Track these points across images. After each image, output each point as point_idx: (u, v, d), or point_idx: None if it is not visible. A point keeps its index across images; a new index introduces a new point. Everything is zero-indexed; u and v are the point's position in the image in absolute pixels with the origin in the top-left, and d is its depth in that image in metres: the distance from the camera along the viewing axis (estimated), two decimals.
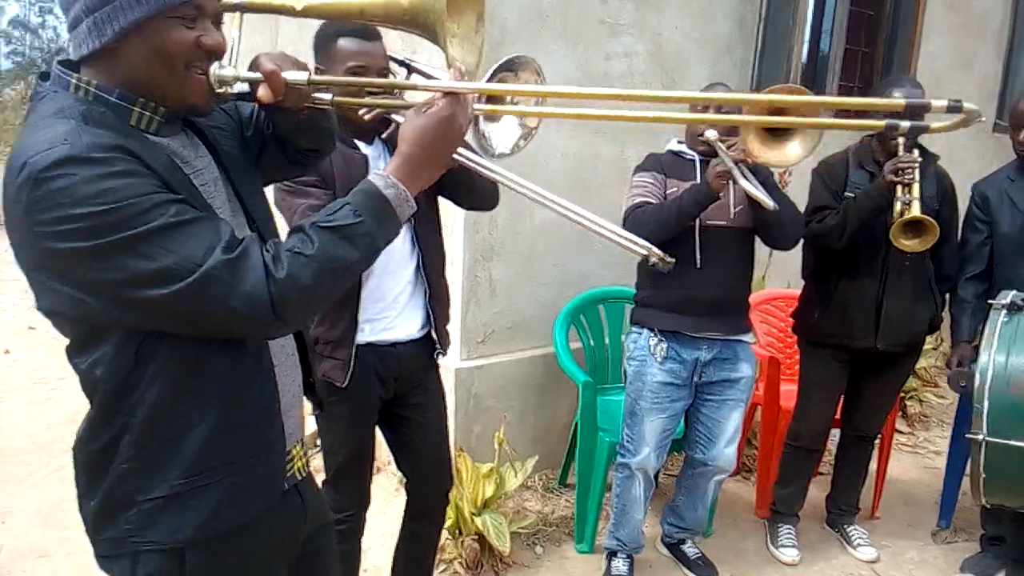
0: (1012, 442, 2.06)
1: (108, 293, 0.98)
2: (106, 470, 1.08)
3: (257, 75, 1.12)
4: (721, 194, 2.30)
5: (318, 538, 1.35)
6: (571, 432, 3.13)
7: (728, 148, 2.27)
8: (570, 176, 3.13)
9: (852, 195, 2.59)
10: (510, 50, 2.86)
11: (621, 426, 2.62)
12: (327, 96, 1.17)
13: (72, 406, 3.85)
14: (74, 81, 1.05)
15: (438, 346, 2.04)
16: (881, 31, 4.29)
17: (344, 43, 1.73)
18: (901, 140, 2.45)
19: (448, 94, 1.06)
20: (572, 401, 3.09)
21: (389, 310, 1.94)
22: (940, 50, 4.51)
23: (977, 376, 2.12)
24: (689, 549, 2.79)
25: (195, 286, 0.95)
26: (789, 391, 3.05)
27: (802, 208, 2.61)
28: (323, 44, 1.78)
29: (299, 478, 1.27)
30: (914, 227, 2.39)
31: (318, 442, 2.19)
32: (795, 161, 2.07)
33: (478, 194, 1.93)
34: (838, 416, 2.93)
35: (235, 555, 1.14)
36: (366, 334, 1.92)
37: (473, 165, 1.51)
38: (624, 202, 2.46)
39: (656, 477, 2.74)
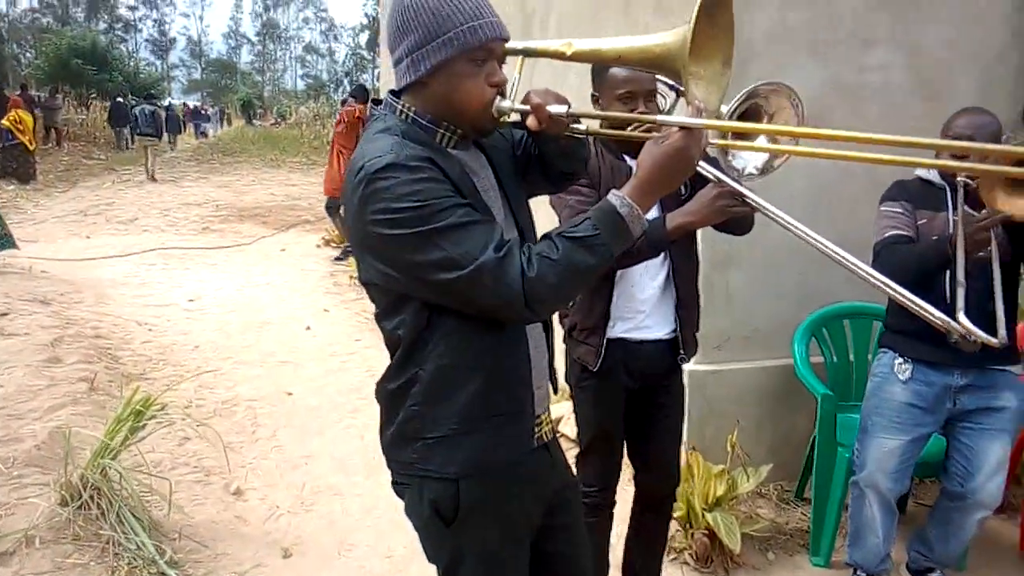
0: None
1: (409, 271, 1.28)
2: (399, 408, 1.40)
3: (527, 107, 1.37)
4: None
5: (566, 492, 1.59)
6: (809, 445, 3.13)
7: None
8: (815, 191, 3.11)
9: None
10: (756, 68, 2.97)
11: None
12: (582, 126, 1.40)
13: (358, 377, 4.55)
14: (399, 106, 1.39)
15: (681, 351, 2.19)
16: None
17: (615, 72, 1.98)
18: None
19: (683, 128, 1.22)
20: (810, 415, 3.07)
21: (639, 311, 2.14)
22: None
23: None
24: None
25: (470, 275, 1.22)
26: None
27: None
28: (599, 72, 2.05)
29: (547, 439, 1.52)
30: None
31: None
32: None
33: (735, 222, 2.04)
34: None
35: (496, 488, 1.41)
36: (617, 330, 2.14)
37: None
38: (875, 232, 2.44)
39: (903, 503, 2.66)
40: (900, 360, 2.46)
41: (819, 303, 3.17)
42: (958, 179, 2.28)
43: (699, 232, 2.99)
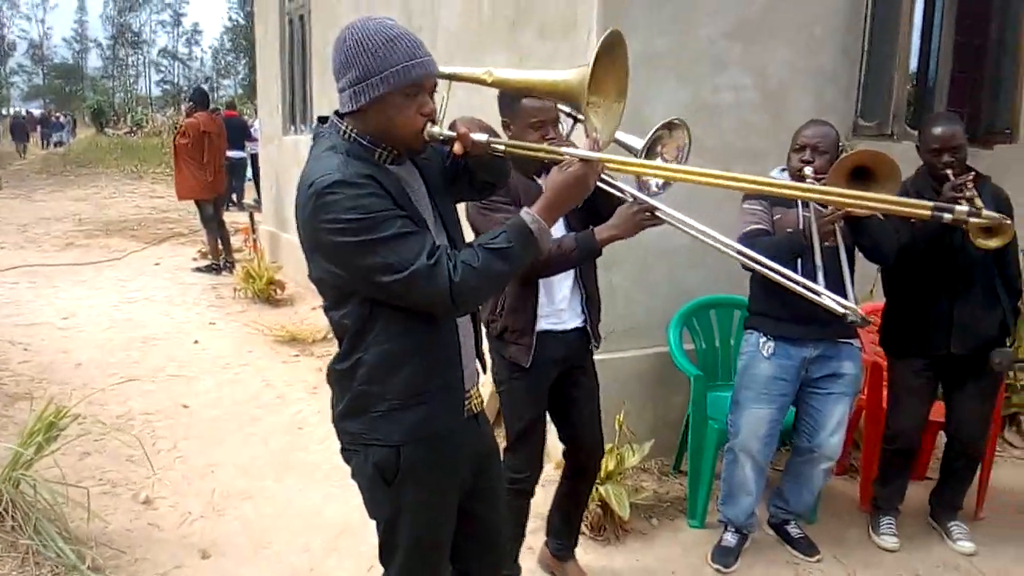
0: None
1: (355, 273, 1.51)
2: (348, 387, 1.63)
3: (453, 134, 1.61)
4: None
5: (491, 457, 1.86)
6: (683, 424, 3.51)
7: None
8: (684, 195, 3.49)
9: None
10: (630, 89, 3.31)
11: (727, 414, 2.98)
12: (501, 147, 1.64)
13: (254, 387, 4.61)
14: (342, 128, 1.60)
15: (592, 338, 2.54)
16: (988, 58, 4.43)
17: (526, 103, 2.27)
18: (950, 170, 2.76)
19: (583, 160, 1.51)
20: (685, 397, 3.44)
21: (557, 308, 2.47)
22: None
23: None
24: (792, 529, 3.09)
25: (406, 278, 1.46)
26: None
27: None
28: (509, 104, 2.33)
29: (476, 411, 1.78)
30: (988, 230, 2.58)
31: None
32: (870, 214, 2.49)
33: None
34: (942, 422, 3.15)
35: (433, 452, 1.65)
36: (541, 324, 2.45)
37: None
38: (739, 226, 2.82)
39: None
40: (764, 339, 2.85)
41: (689, 296, 3.56)
42: (807, 180, 2.69)
43: None
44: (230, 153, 9.27)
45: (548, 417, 2.61)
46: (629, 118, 2.57)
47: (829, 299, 2.20)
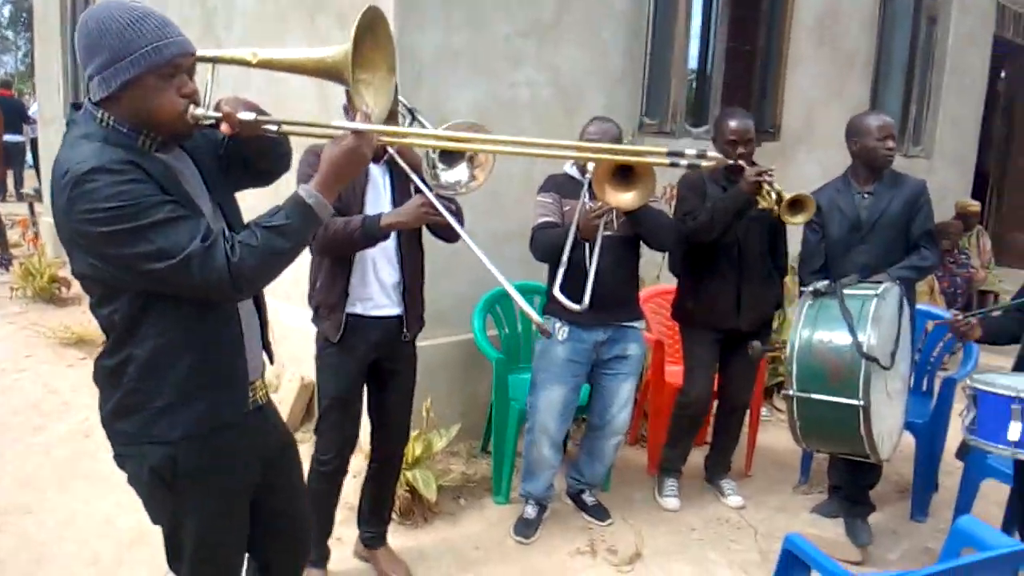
0: (813, 395, 2.62)
1: (121, 264, 1.42)
2: (117, 384, 1.54)
3: (219, 114, 1.51)
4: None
5: (287, 451, 1.84)
6: (490, 407, 3.65)
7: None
8: (487, 191, 3.62)
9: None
10: (429, 84, 3.40)
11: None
12: (274, 127, 1.57)
13: (35, 394, 4.19)
14: (98, 115, 1.49)
15: (405, 330, 2.56)
16: (756, 62, 4.96)
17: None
18: (743, 160, 3.11)
19: (355, 132, 1.49)
20: (491, 381, 3.59)
21: (374, 295, 2.49)
22: (810, 81, 5.20)
23: (788, 346, 2.69)
24: (587, 498, 3.33)
25: (180, 263, 1.38)
26: (673, 371, 3.64)
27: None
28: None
29: (262, 402, 1.74)
30: (794, 206, 2.98)
31: None
32: (631, 206, 2.70)
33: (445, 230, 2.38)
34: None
35: (214, 450, 1.60)
36: (357, 308, 2.46)
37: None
38: (533, 218, 2.99)
39: (565, 443, 3.26)
40: (559, 324, 3.03)
41: (492, 284, 3.69)
42: (586, 176, 2.90)
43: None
44: (6, 137, 8.34)
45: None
46: (430, 114, 2.63)
47: (523, 303, 2.16)
